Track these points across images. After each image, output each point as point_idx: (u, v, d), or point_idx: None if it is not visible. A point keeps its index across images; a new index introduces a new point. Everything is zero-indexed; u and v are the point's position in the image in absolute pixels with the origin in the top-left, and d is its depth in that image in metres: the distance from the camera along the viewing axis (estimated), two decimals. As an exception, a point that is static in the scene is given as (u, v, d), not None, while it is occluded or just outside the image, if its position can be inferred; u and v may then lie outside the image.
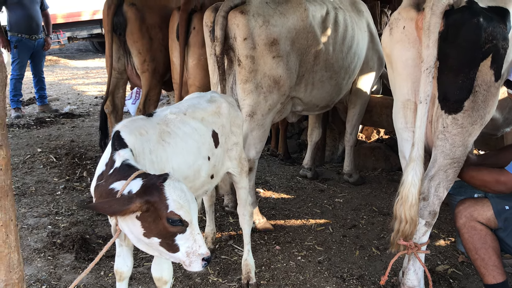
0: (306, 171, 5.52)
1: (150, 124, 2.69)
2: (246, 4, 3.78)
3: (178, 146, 2.74)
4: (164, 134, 2.71)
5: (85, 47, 17.26)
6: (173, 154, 2.71)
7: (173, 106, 3.04)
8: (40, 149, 6.28)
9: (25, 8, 7.72)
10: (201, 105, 3.04)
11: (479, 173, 2.97)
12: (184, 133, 2.80)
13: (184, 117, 2.88)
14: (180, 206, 2.14)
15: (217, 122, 3.05)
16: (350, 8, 4.73)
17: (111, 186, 2.27)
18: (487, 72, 2.80)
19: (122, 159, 2.34)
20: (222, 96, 3.25)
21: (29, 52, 8.00)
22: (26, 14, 7.73)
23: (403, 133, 3.15)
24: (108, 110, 5.22)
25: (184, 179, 2.76)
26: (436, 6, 2.70)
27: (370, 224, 4.40)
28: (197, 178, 2.89)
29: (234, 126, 3.19)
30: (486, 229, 2.91)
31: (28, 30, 7.77)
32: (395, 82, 3.13)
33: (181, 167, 2.75)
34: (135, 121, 2.67)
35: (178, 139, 2.76)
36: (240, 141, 3.27)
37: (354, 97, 5.08)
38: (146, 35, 4.80)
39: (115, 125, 2.70)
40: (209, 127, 2.98)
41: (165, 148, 2.67)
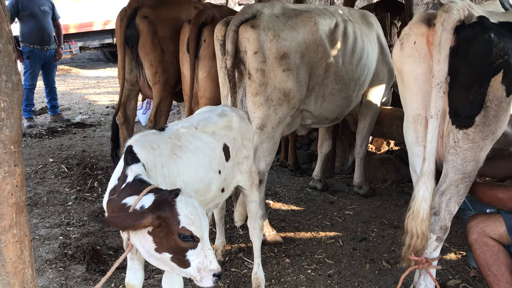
0: (316, 182, 5.51)
1: (162, 138, 2.72)
2: (257, 19, 3.81)
3: (190, 160, 2.76)
4: (176, 148, 2.73)
5: (96, 56, 17.44)
6: (184, 168, 2.72)
7: (185, 120, 3.07)
8: (52, 159, 6.34)
9: (37, 20, 7.88)
10: (212, 119, 3.06)
11: (493, 191, 2.96)
12: (196, 147, 2.82)
13: (195, 131, 2.90)
14: (192, 221, 2.15)
15: (228, 135, 3.07)
16: (360, 21, 4.74)
17: (124, 201, 2.29)
18: (498, 87, 2.80)
19: (134, 174, 2.36)
20: (233, 110, 3.27)
21: (41, 63, 8.14)
22: (38, 26, 7.89)
23: (414, 147, 3.15)
24: (120, 121, 5.26)
25: (195, 193, 2.78)
26: (447, 21, 2.71)
27: (381, 237, 4.38)
28: (208, 192, 2.90)
29: (245, 140, 3.21)
30: (499, 245, 2.89)
31: (40, 41, 7.93)
32: (406, 97, 3.14)
33: (192, 181, 2.77)
34: (147, 135, 2.70)
35: (190, 153, 2.78)
36: (250, 155, 3.28)
37: (364, 109, 5.08)
38: (158, 47, 4.84)
39: (128, 138, 2.74)
40: (220, 140, 3.00)
41: (176, 162, 2.69)
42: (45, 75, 8.39)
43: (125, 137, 5.38)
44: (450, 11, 2.71)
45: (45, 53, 8.07)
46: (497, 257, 2.85)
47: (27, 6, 7.83)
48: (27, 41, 7.90)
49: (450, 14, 2.71)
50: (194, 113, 3.34)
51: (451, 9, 2.72)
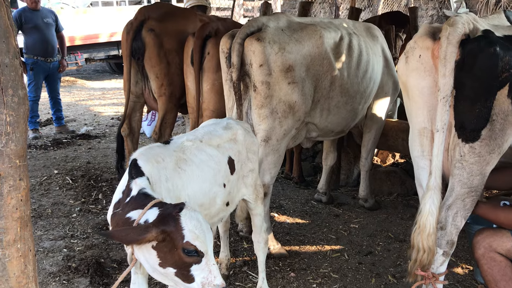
0: (321, 195, 5.49)
1: (167, 151, 2.72)
2: (262, 32, 3.82)
3: (194, 174, 2.76)
4: (181, 161, 2.73)
5: (102, 68, 17.54)
6: (189, 181, 2.72)
7: (189, 133, 3.07)
8: (56, 171, 6.35)
9: (40, 32, 7.93)
10: (217, 132, 3.06)
11: (507, 213, 2.93)
12: (200, 160, 2.82)
13: (200, 144, 2.90)
14: (196, 236, 2.14)
15: (234, 148, 3.07)
16: (365, 34, 4.75)
17: (128, 215, 2.28)
18: (504, 101, 2.78)
19: (138, 188, 2.36)
20: (238, 123, 3.27)
21: (44, 74, 8.17)
22: (41, 38, 7.94)
23: (420, 161, 3.13)
24: (125, 133, 5.28)
25: (199, 207, 2.78)
26: (452, 35, 2.70)
27: (386, 251, 4.34)
28: (213, 205, 2.89)
29: (250, 153, 3.20)
30: (506, 261, 2.86)
31: (43, 52, 7.97)
32: (411, 110, 3.13)
33: (197, 195, 2.76)
34: (152, 149, 2.70)
35: (194, 166, 2.78)
36: (255, 168, 3.28)
37: (369, 122, 5.07)
38: (164, 60, 4.86)
39: (132, 151, 2.75)
40: (225, 153, 3.00)
41: (181, 176, 2.69)
42: (49, 87, 8.43)
43: (130, 149, 5.39)
44: (455, 24, 2.71)
45: (48, 65, 8.11)
46: (505, 273, 2.82)
47: (30, 18, 7.89)
48: (31, 53, 7.95)
49: (455, 27, 2.70)
50: (199, 126, 3.34)
51: (456, 23, 2.72)
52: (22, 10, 8.05)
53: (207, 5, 6.61)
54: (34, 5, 7.89)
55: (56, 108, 8.53)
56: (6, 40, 1.87)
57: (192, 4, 6.43)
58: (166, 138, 5.14)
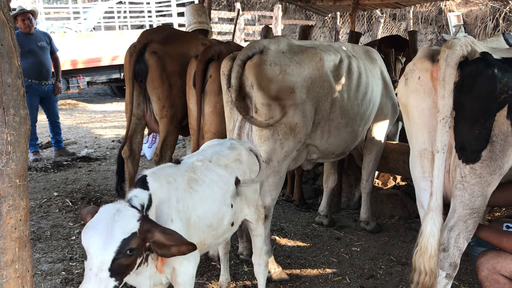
0: (322, 218, 5.46)
1: (179, 171, 2.75)
2: (263, 54, 3.86)
3: (205, 194, 2.78)
4: (192, 181, 2.75)
5: (103, 91, 17.65)
6: (200, 202, 2.74)
7: (198, 153, 3.09)
8: (56, 193, 6.33)
9: (35, 56, 7.85)
10: (224, 152, 3.09)
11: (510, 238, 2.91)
12: (211, 180, 2.85)
13: (209, 164, 2.92)
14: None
15: (239, 168, 3.09)
16: (364, 56, 4.80)
17: None
18: (503, 122, 2.80)
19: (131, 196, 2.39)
20: (241, 143, 3.30)
21: (38, 97, 8.06)
22: (36, 61, 7.86)
23: (421, 182, 3.13)
24: (126, 155, 5.28)
25: (208, 227, 2.79)
26: (450, 57, 2.74)
27: (388, 274, 4.29)
28: (220, 226, 2.90)
29: (252, 173, 3.22)
30: (510, 283, 2.83)
31: (37, 75, 7.90)
32: (411, 131, 3.14)
33: (207, 215, 2.78)
34: (163, 169, 2.74)
35: (205, 186, 2.80)
36: (257, 188, 3.28)
37: (369, 144, 5.07)
38: (166, 82, 4.90)
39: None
40: (232, 174, 3.02)
41: (192, 196, 2.71)
42: (46, 110, 8.35)
43: (131, 171, 5.38)
44: (453, 47, 2.75)
45: (43, 88, 8.03)
46: (509, 295, 2.79)
47: (25, 43, 7.68)
48: (25, 76, 7.68)
49: (454, 50, 2.74)
50: (201, 147, 3.34)
51: (454, 45, 2.75)
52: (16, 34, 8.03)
53: (208, 29, 6.69)
54: (27, 29, 7.81)
55: (55, 132, 8.44)
56: (9, 60, 1.89)
57: (194, 28, 6.50)
58: (167, 160, 5.15)
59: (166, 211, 2.51)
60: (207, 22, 6.74)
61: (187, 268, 2.66)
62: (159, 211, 2.51)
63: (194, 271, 2.74)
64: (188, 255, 2.54)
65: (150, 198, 2.45)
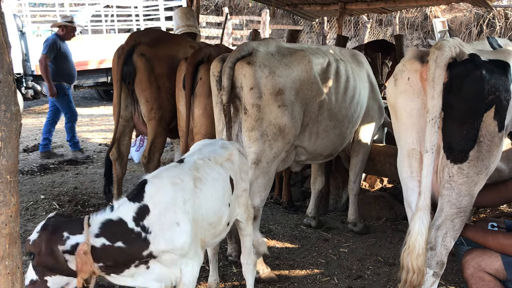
0: (310, 220, 5.48)
1: (184, 171, 2.74)
2: (253, 56, 3.88)
3: (209, 192, 2.78)
4: (197, 180, 2.74)
5: (90, 95, 17.53)
6: (204, 200, 2.74)
7: (196, 152, 3.07)
8: (43, 196, 6.27)
9: (69, 60, 8.47)
10: (218, 151, 3.10)
11: (495, 237, 2.95)
12: (213, 178, 2.85)
13: (209, 162, 2.93)
14: None
15: (231, 168, 3.09)
16: (351, 60, 4.85)
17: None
18: (490, 122, 2.85)
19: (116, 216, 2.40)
20: (231, 143, 3.31)
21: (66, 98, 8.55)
22: (70, 65, 8.47)
23: (409, 182, 3.16)
24: (114, 157, 5.25)
25: (208, 225, 2.80)
26: (439, 58, 2.78)
27: (376, 274, 4.33)
28: (219, 224, 2.90)
29: (242, 173, 3.22)
30: (495, 281, 2.87)
31: (69, 79, 8.49)
32: (400, 132, 3.17)
33: (209, 214, 2.78)
34: (169, 170, 2.73)
35: (209, 184, 2.80)
36: (248, 188, 3.30)
37: (356, 146, 5.12)
38: (155, 84, 4.89)
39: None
40: (227, 172, 3.02)
41: (198, 195, 2.71)
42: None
43: (118, 173, 5.35)
44: (442, 48, 2.79)
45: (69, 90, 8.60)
46: (494, 293, 2.83)
47: (63, 47, 8.41)
48: (62, 79, 8.38)
49: (443, 51, 2.78)
50: (191, 147, 3.34)
51: (443, 47, 2.80)
52: (55, 37, 8.46)
53: (197, 32, 6.69)
54: (68, 38, 8.50)
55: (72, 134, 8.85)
56: (0, 56, 1.88)
57: (182, 31, 6.50)
58: (155, 162, 5.13)
59: (171, 216, 2.51)
60: (195, 25, 6.75)
61: (192, 268, 2.68)
62: (162, 217, 2.50)
63: (198, 271, 2.75)
64: (194, 255, 2.62)
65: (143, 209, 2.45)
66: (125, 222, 2.39)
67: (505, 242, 2.88)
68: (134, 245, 2.39)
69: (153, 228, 2.45)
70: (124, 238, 2.36)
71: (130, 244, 2.37)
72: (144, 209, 2.45)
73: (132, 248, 2.38)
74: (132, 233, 2.39)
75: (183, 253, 2.58)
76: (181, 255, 2.58)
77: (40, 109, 14.30)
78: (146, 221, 2.44)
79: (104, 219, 2.38)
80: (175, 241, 2.51)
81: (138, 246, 2.41)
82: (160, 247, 2.48)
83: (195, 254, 2.66)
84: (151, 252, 2.46)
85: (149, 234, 2.44)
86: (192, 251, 2.64)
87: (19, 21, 12.48)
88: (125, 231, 2.37)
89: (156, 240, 2.46)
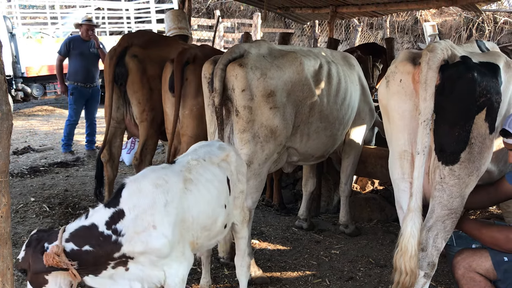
0: (302, 222, 5.49)
1: (172, 172, 2.71)
2: (244, 58, 3.89)
3: (201, 194, 2.76)
4: (187, 181, 2.72)
5: (80, 97, 17.40)
6: (195, 202, 2.72)
7: (191, 152, 3.07)
8: (33, 198, 6.21)
9: (83, 60, 8.34)
10: (215, 152, 3.08)
11: (489, 230, 2.97)
12: (206, 179, 2.82)
13: (204, 163, 2.90)
14: None
15: (228, 169, 3.08)
16: (342, 62, 4.87)
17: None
18: (482, 124, 2.88)
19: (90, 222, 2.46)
20: (228, 145, 3.31)
21: (85, 99, 8.55)
22: (83, 65, 8.34)
23: (400, 183, 3.17)
24: (105, 159, 5.23)
25: (202, 228, 2.77)
26: (432, 60, 2.80)
27: (367, 276, 4.34)
28: (214, 227, 2.87)
29: (240, 174, 3.21)
30: (485, 281, 2.89)
31: (84, 79, 8.37)
32: (392, 133, 3.18)
33: (201, 216, 2.75)
34: (153, 171, 2.71)
35: (201, 186, 2.78)
36: (244, 190, 3.27)
37: (348, 148, 5.14)
38: (147, 85, 4.88)
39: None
40: (224, 173, 3.01)
41: (187, 197, 2.68)
42: (86, 111, 8.78)
43: (109, 175, 5.33)
44: (434, 50, 2.81)
45: (88, 91, 8.49)
46: (485, 293, 2.85)
47: (78, 46, 8.34)
48: (73, 79, 8.34)
49: (435, 53, 2.80)
50: (189, 149, 3.30)
51: (435, 49, 2.82)
52: (72, 37, 8.58)
53: (188, 34, 6.69)
54: (87, 37, 8.33)
55: (90, 131, 8.86)
56: (-8, 55, 1.87)
57: (174, 33, 6.50)
58: (147, 164, 5.11)
59: (147, 219, 2.50)
60: (187, 28, 6.75)
61: (177, 271, 2.66)
62: (139, 219, 2.50)
63: (185, 273, 2.73)
64: (180, 257, 2.61)
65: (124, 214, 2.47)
66: (96, 226, 2.45)
67: (499, 236, 2.89)
68: (103, 248, 2.43)
69: (127, 230, 2.47)
70: (91, 242, 2.42)
71: (99, 247, 2.42)
72: (118, 213, 2.48)
73: (100, 250, 2.42)
74: (100, 236, 2.44)
75: (162, 255, 2.56)
76: (160, 257, 2.57)
77: (30, 111, 14.18)
78: (119, 224, 2.47)
79: (77, 226, 2.46)
80: (150, 244, 2.50)
81: (108, 249, 2.45)
82: (136, 249, 2.49)
83: (181, 256, 2.64)
84: (124, 254, 2.48)
85: (121, 237, 2.46)
86: (176, 253, 2.62)
87: (9, 23, 12.38)
88: (93, 235, 2.43)
89: (132, 242, 2.47)
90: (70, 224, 2.51)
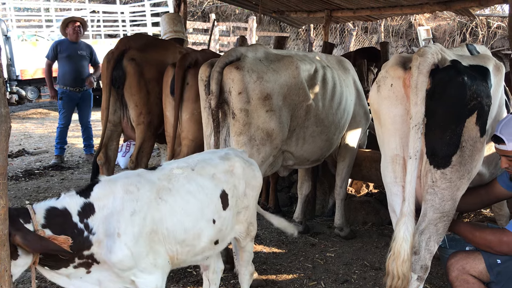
0: (297, 224, 5.51)
1: (147, 180, 2.57)
2: (241, 61, 3.93)
3: (177, 205, 2.60)
4: (163, 191, 2.57)
5: (76, 100, 17.38)
6: (169, 214, 2.56)
7: (182, 160, 2.93)
8: (28, 201, 6.21)
9: (71, 63, 8.21)
10: (212, 161, 2.89)
11: (482, 233, 2.99)
12: (187, 191, 2.65)
13: (191, 173, 2.73)
14: None
15: (229, 181, 2.87)
16: (337, 66, 4.92)
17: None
18: (472, 128, 2.91)
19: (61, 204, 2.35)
20: (238, 155, 3.10)
21: (74, 103, 8.45)
22: (71, 68, 8.21)
23: (393, 187, 3.19)
24: (101, 162, 5.24)
25: (180, 243, 2.61)
26: (422, 65, 2.83)
27: (362, 279, 4.37)
28: (197, 242, 2.68)
29: (248, 188, 3.01)
30: (479, 283, 2.92)
31: (72, 83, 8.24)
32: (383, 137, 3.20)
33: (177, 229, 2.59)
34: (129, 176, 2.58)
35: (179, 197, 2.61)
36: (251, 205, 3.09)
37: (343, 151, 5.18)
38: (144, 88, 4.91)
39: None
40: (219, 186, 2.81)
41: (160, 208, 2.54)
42: (79, 115, 8.72)
43: (105, 178, 5.33)
44: (425, 55, 2.84)
45: (77, 95, 8.36)
46: (478, 295, 2.88)
47: (66, 49, 8.21)
48: (62, 83, 8.25)
49: (425, 58, 2.83)
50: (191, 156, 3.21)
51: (426, 53, 2.85)
52: (60, 41, 8.45)
53: (184, 38, 6.73)
54: (75, 37, 8.19)
55: (86, 136, 8.76)
56: (-9, 59, 1.89)
57: (169, 37, 6.54)
58: (143, 167, 5.13)
59: (114, 224, 2.38)
60: (182, 31, 6.79)
61: (149, 281, 2.54)
62: (107, 223, 2.39)
63: (159, 282, 2.58)
64: (149, 267, 2.50)
65: (87, 207, 2.37)
66: (69, 213, 2.33)
67: (492, 238, 2.92)
68: (75, 241, 2.29)
69: (97, 230, 2.37)
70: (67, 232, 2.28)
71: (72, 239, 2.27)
72: (89, 207, 2.37)
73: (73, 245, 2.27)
74: (75, 228, 2.32)
75: (123, 268, 2.44)
76: (122, 270, 2.45)
77: (25, 114, 14.16)
78: (90, 220, 2.36)
79: (48, 206, 2.32)
80: (111, 252, 2.39)
81: (80, 244, 2.32)
82: (103, 253, 2.39)
83: (151, 267, 2.51)
84: (92, 254, 2.38)
85: (92, 235, 2.35)
86: (145, 265, 2.50)
87: (4, 25, 12.38)
88: (69, 225, 2.30)
89: (101, 245, 2.37)
90: (38, 203, 2.36)
